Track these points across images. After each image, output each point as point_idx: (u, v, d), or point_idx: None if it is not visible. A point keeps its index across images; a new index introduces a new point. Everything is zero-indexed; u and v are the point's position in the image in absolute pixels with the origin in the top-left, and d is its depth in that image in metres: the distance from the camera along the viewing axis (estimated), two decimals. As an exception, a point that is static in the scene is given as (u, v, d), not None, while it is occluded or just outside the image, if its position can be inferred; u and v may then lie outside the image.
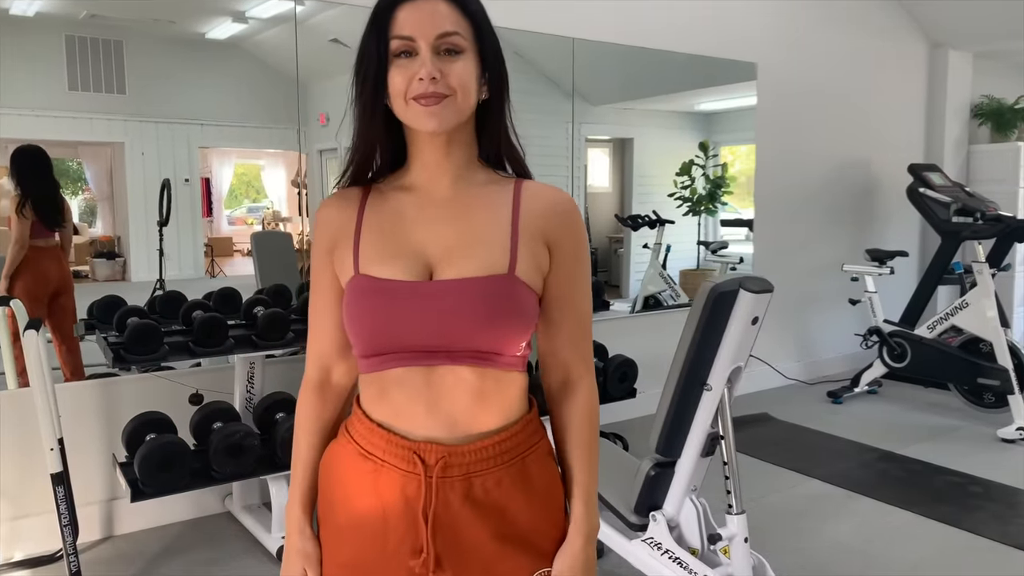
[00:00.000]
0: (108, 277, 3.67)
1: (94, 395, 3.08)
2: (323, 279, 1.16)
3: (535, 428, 1.16)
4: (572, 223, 1.14)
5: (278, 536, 2.91)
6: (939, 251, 5.01)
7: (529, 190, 1.15)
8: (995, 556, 2.92)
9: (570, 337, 1.17)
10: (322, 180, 4.55)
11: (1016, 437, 4.14)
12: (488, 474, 1.09)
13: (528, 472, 1.12)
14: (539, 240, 1.11)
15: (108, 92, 3.39)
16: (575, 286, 1.15)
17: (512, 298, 1.07)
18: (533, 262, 1.10)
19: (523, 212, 1.12)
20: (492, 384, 1.09)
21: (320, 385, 1.20)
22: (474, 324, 1.06)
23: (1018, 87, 6.36)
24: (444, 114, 1.06)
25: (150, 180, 3.63)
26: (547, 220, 1.12)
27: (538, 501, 1.13)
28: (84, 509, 2.96)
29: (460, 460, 1.08)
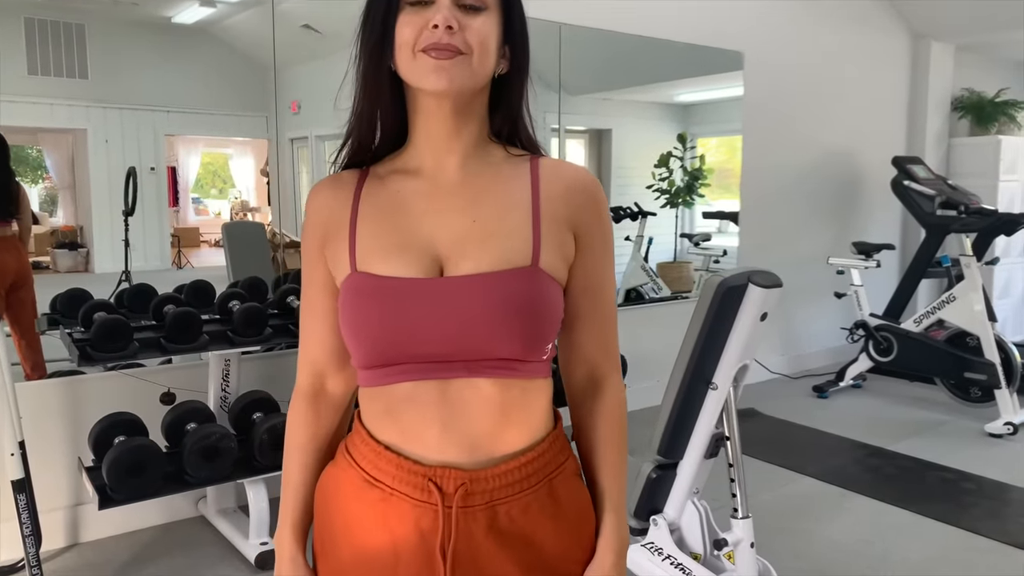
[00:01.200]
0: (70, 268, 3.54)
1: (57, 394, 2.90)
2: (315, 275, 1.02)
3: (562, 445, 1.03)
4: (598, 205, 1.01)
5: (256, 542, 2.76)
6: (923, 244, 4.98)
7: (547, 168, 1.01)
8: (997, 556, 2.86)
9: (598, 332, 1.04)
10: (293, 169, 4.40)
11: (1003, 432, 4.11)
12: (514, 501, 0.95)
13: (557, 496, 0.98)
14: (563, 225, 0.97)
15: (69, 77, 3.26)
16: (603, 275, 1.03)
17: (538, 294, 0.93)
18: (559, 251, 0.96)
19: (543, 194, 0.98)
20: (517, 396, 0.95)
21: (313, 395, 1.06)
22: (496, 326, 0.91)
23: (998, 81, 6.36)
24: (456, 72, 0.91)
25: (114, 168, 3.51)
26: (570, 202, 0.98)
27: (568, 528, 0.99)
28: (47, 515, 2.78)
29: (483, 487, 0.93)
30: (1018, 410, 4.22)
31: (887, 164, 5.30)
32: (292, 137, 4.30)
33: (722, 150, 5.35)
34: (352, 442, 1.01)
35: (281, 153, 4.29)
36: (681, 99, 5.34)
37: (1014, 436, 4.11)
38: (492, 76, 0.97)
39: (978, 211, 4.64)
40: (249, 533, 2.78)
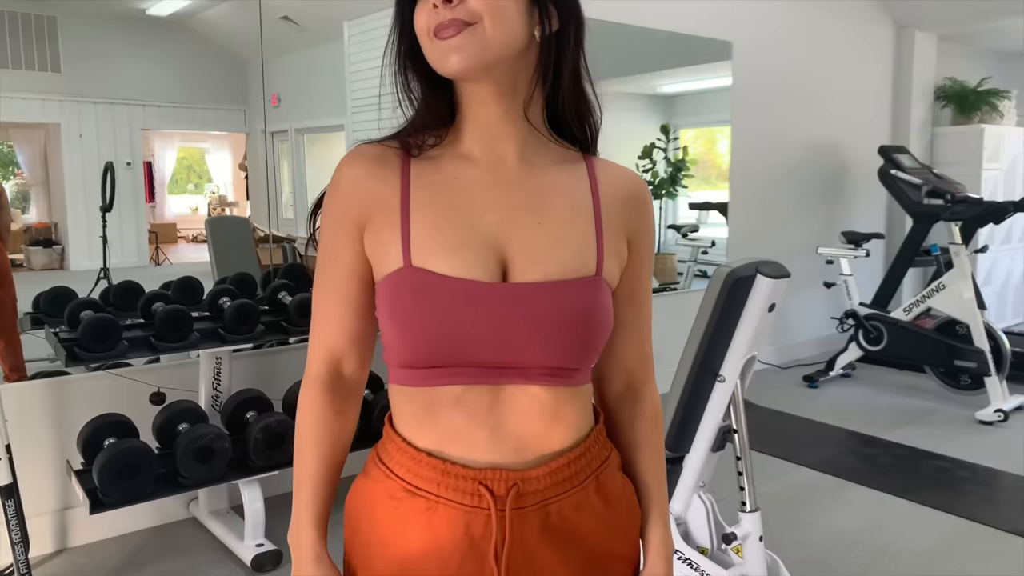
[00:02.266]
0: (45, 266, 3.47)
1: (43, 396, 2.81)
2: (343, 255, 0.92)
3: (604, 440, 1.00)
4: (649, 215, 1.00)
5: (252, 544, 2.70)
6: (911, 233, 4.99)
7: (604, 172, 0.97)
8: (995, 543, 2.87)
9: (636, 340, 1.02)
10: (274, 163, 4.33)
11: (994, 419, 4.14)
12: (565, 499, 0.91)
13: (605, 490, 0.96)
14: (620, 234, 0.96)
15: (41, 70, 3.18)
16: (646, 284, 1.02)
17: (599, 305, 0.90)
18: (616, 260, 0.95)
19: (603, 199, 0.95)
20: (566, 401, 0.91)
21: (330, 382, 0.97)
22: (559, 336, 0.86)
23: (980, 70, 6.40)
24: (468, 47, 0.83)
25: (89, 164, 3.44)
26: (627, 211, 0.97)
27: (616, 522, 0.97)
28: (34, 520, 2.70)
29: (535, 486, 0.89)
30: (1008, 397, 4.25)
31: (873, 153, 5.32)
32: (272, 130, 4.24)
33: (700, 141, 5.33)
34: (385, 450, 0.95)
35: (260, 147, 4.23)
36: (664, 90, 5.31)
37: (1004, 423, 4.13)
38: (532, 39, 0.88)
39: (963, 199, 4.66)
40: (244, 535, 2.72)
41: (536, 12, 0.87)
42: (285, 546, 2.78)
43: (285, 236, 4.65)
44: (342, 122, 4.76)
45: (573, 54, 0.93)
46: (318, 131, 4.90)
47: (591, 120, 0.98)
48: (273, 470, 2.73)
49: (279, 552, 2.70)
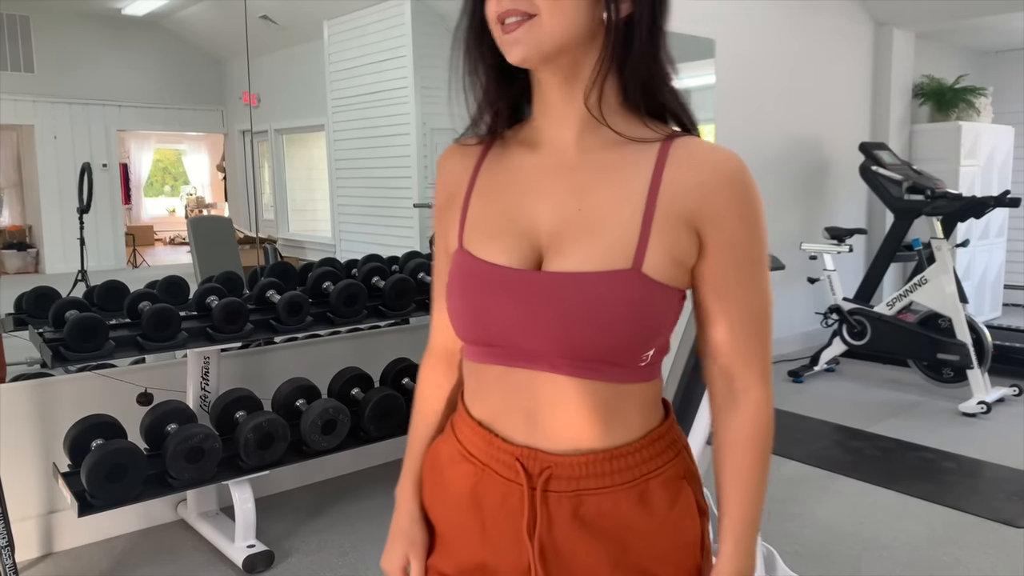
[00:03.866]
0: (19, 269, 3.42)
1: (27, 398, 2.76)
2: (441, 240, 1.01)
3: (667, 445, 0.94)
4: (736, 197, 0.86)
5: (243, 545, 2.66)
6: (892, 228, 5.05)
7: (680, 152, 0.87)
8: (983, 532, 2.90)
9: (731, 337, 0.90)
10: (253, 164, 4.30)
11: (977, 411, 4.19)
12: (603, 494, 0.89)
13: (649, 499, 0.90)
14: (681, 223, 0.86)
15: (14, 71, 3.14)
16: (738, 276, 0.89)
17: (636, 302, 0.84)
18: (667, 254, 0.85)
19: (665, 185, 0.86)
20: (606, 399, 0.88)
21: (445, 353, 1.06)
22: (578, 331, 0.85)
23: (957, 68, 6.49)
24: (527, 40, 0.83)
25: (64, 165, 3.40)
26: (699, 194, 0.85)
27: (660, 537, 0.91)
28: (18, 525, 2.65)
29: (568, 473, 0.89)
30: (990, 389, 4.30)
31: (853, 150, 5.37)
32: (251, 131, 4.20)
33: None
34: (456, 416, 1.02)
35: (239, 148, 4.19)
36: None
37: (987, 414, 4.18)
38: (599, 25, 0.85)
39: (943, 195, 4.72)
40: (235, 536, 2.69)
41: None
42: (277, 547, 2.75)
43: (266, 237, 4.61)
44: (322, 122, 4.73)
45: (646, 39, 0.87)
46: (298, 131, 4.87)
47: (674, 101, 0.91)
48: (264, 470, 2.69)
49: (271, 553, 2.66)
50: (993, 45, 6.87)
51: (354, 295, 2.93)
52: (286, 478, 3.24)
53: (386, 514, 1.07)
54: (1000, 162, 6.41)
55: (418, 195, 4.56)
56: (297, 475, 3.27)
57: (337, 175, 4.76)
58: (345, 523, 2.97)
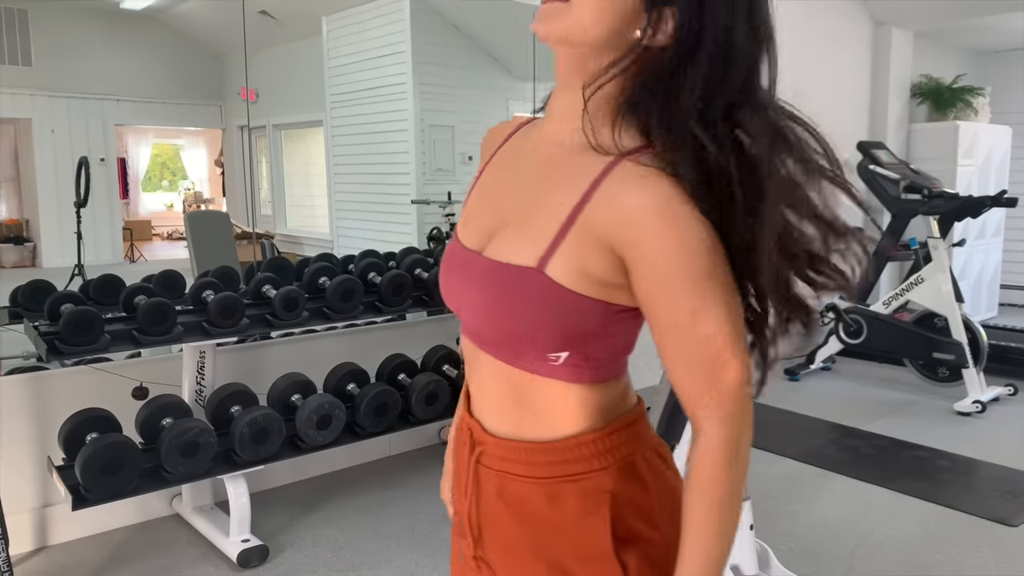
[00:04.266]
0: (16, 263, 3.42)
1: (21, 391, 2.76)
2: None
3: (594, 454, 0.90)
4: (653, 231, 0.80)
5: (237, 539, 2.67)
6: (889, 227, 5.04)
7: (618, 173, 0.83)
8: (976, 530, 2.90)
9: (678, 368, 0.85)
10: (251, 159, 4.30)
11: (972, 410, 4.19)
12: (520, 482, 0.93)
13: (564, 501, 0.90)
14: (595, 241, 0.83)
15: (12, 64, 3.13)
16: (670, 309, 0.82)
17: (531, 299, 0.85)
18: (575, 264, 0.84)
19: (592, 201, 0.83)
20: (517, 386, 0.92)
21: None
22: (489, 315, 0.90)
23: (955, 67, 6.49)
24: (552, 18, 0.84)
25: (61, 160, 3.39)
26: (618, 221, 0.81)
27: (577, 541, 0.90)
28: (12, 518, 2.65)
29: (494, 452, 0.95)
30: (985, 388, 4.31)
31: (851, 148, 5.36)
32: (249, 126, 4.20)
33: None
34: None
35: (238, 143, 4.18)
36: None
37: (982, 414, 4.19)
38: (634, 42, 0.83)
39: (940, 194, 4.72)
40: (230, 530, 2.69)
41: (656, 15, 0.81)
42: (271, 541, 2.76)
43: (264, 232, 4.61)
44: (321, 118, 4.73)
45: (669, 76, 0.82)
46: (297, 127, 4.86)
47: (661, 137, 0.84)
48: (259, 464, 2.70)
49: (265, 547, 2.67)
50: (991, 45, 6.87)
51: (350, 291, 2.93)
52: (281, 473, 3.24)
53: (381, 509, 1.09)
54: (997, 162, 6.42)
55: (416, 191, 4.56)
56: (292, 470, 3.27)
57: (335, 171, 4.76)
58: (340, 518, 2.97)
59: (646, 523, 0.92)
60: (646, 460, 0.93)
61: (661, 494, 0.93)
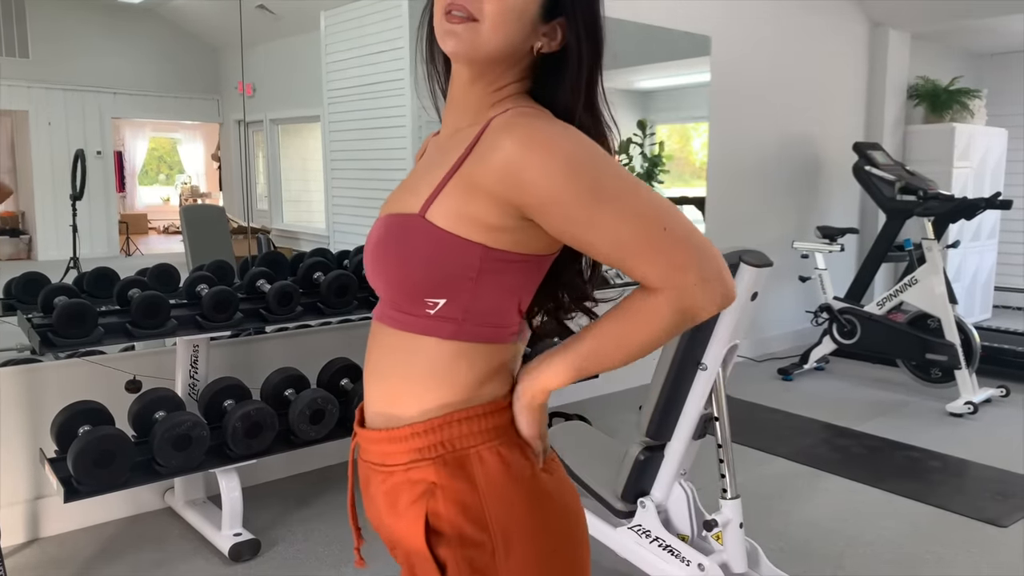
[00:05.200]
0: (11, 256, 3.40)
1: (14, 383, 2.75)
2: None
3: (426, 444, 0.93)
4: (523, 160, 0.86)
5: (229, 533, 2.67)
6: (884, 228, 5.06)
7: (491, 130, 0.90)
8: (967, 531, 2.92)
9: (617, 266, 0.90)
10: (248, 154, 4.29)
11: (964, 411, 4.21)
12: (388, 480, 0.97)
13: (398, 494, 0.96)
14: (474, 188, 0.89)
15: (8, 56, 3.11)
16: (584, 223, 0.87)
17: (409, 242, 0.91)
18: (455, 208, 0.89)
19: (472, 156, 0.91)
20: (402, 352, 0.95)
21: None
22: (376, 266, 0.96)
23: (951, 69, 6.50)
24: (464, 38, 0.91)
25: (57, 152, 3.38)
26: (494, 170, 0.88)
27: (410, 538, 0.95)
28: (4, 510, 2.66)
29: (369, 447, 1.00)
30: (977, 390, 4.33)
31: (847, 150, 5.38)
32: (246, 120, 4.19)
33: (674, 139, 5.35)
34: None
35: (234, 137, 4.18)
36: (641, 85, 5.33)
37: (974, 415, 4.21)
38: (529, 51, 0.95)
39: (935, 196, 4.74)
40: (221, 524, 2.69)
41: (543, 29, 0.94)
42: (263, 535, 2.76)
43: (260, 227, 4.60)
44: (318, 113, 4.72)
45: (581, 77, 0.95)
46: (294, 122, 4.85)
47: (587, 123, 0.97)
48: (252, 459, 2.70)
49: (257, 541, 2.67)
50: (988, 47, 6.89)
51: (345, 286, 2.93)
52: (274, 467, 3.24)
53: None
54: (993, 164, 6.43)
55: (412, 188, 4.56)
56: (285, 464, 3.27)
57: (332, 166, 4.75)
58: (332, 513, 2.97)
59: (474, 524, 0.91)
60: (483, 461, 0.92)
61: (496, 498, 0.92)
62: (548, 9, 0.92)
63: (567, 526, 0.97)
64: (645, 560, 2.33)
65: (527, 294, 0.97)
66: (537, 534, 0.93)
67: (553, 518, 0.95)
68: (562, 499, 0.97)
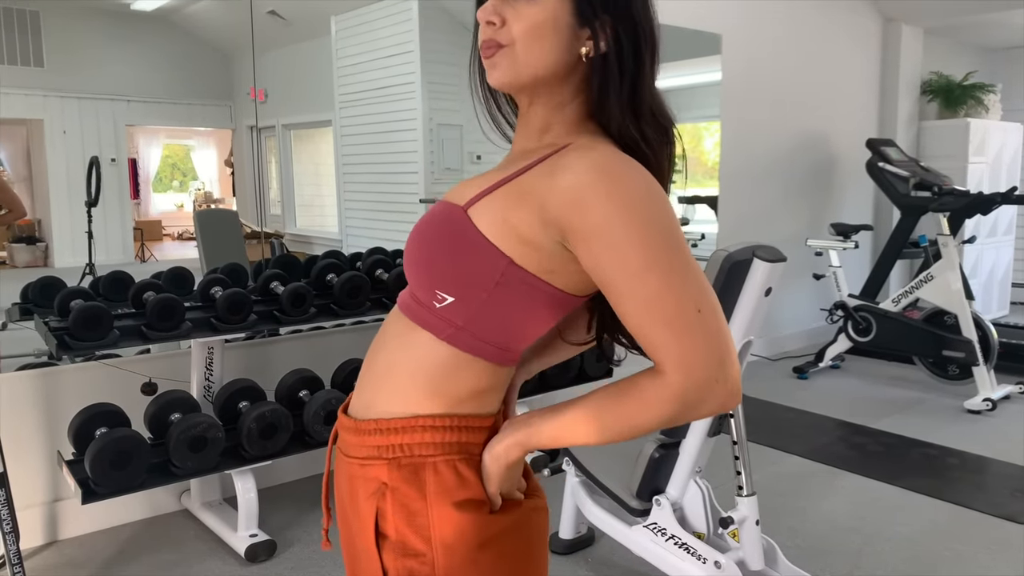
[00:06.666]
0: (28, 263, 3.43)
1: (32, 386, 2.78)
2: None
3: (387, 443, 0.92)
4: (577, 205, 0.83)
5: (245, 534, 2.68)
6: (899, 225, 5.03)
7: (565, 153, 0.88)
8: (986, 528, 2.89)
9: (636, 329, 0.85)
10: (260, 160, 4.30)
11: (982, 408, 4.17)
12: (350, 470, 0.98)
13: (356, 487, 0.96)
14: (525, 199, 0.87)
15: (24, 65, 3.14)
16: (616, 273, 0.83)
17: (442, 229, 0.91)
18: (500, 214, 0.87)
19: (536, 169, 0.89)
20: (405, 340, 0.94)
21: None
22: (407, 245, 0.95)
23: (965, 64, 6.45)
24: (502, 66, 0.92)
25: (73, 160, 3.40)
26: (547, 193, 0.85)
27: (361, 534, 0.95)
28: (23, 513, 2.67)
29: (341, 433, 1.00)
30: (995, 386, 4.29)
31: (860, 146, 5.35)
32: (259, 126, 4.21)
33: (686, 138, 5.31)
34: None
35: (247, 143, 4.20)
36: (654, 85, 5.32)
37: (992, 412, 4.17)
38: (579, 60, 0.92)
39: (950, 191, 4.70)
40: (237, 525, 2.70)
41: (586, 33, 0.91)
42: (279, 536, 2.77)
43: (273, 232, 4.62)
44: (330, 118, 4.74)
45: (624, 78, 0.92)
46: (305, 127, 4.87)
47: (619, 126, 0.93)
48: (267, 460, 2.71)
49: (272, 542, 2.68)
50: (1002, 42, 6.83)
51: (358, 287, 2.94)
52: (289, 469, 3.25)
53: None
54: (1009, 159, 6.38)
55: (425, 191, 4.56)
56: (300, 466, 3.28)
57: (344, 171, 4.77)
58: (347, 514, 2.98)
59: (417, 535, 0.89)
60: (437, 472, 0.90)
61: (442, 512, 0.89)
62: (583, 13, 0.89)
63: (517, 565, 0.94)
64: (661, 558, 2.32)
65: (537, 327, 0.94)
66: (480, 561, 0.89)
67: (504, 551, 0.92)
68: (519, 536, 0.94)
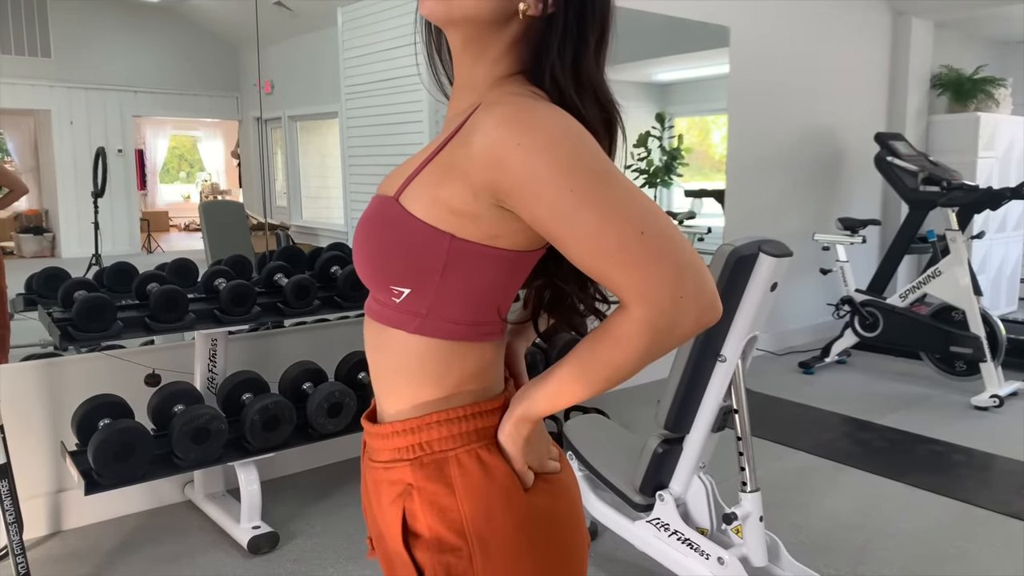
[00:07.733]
0: (36, 253, 3.43)
1: (36, 377, 2.78)
2: None
3: (405, 445, 0.90)
4: (496, 160, 0.80)
5: (248, 526, 2.68)
6: (907, 220, 4.99)
7: (477, 111, 0.85)
8: (991, 525, 2.87)
9: (591, 273, 0.82)
10: (267, 151, 4.30)
11: (989, 404, 4.15)
12: (376, 475, 0.96)
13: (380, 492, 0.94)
14: (450, 171, 0.84)
15: (31, 55, 3.13)
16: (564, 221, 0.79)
17: (382, 225, 0.88)
18: (430, 193, 0.85)
19: (455, 139, 0.86)
20: (381, 342, 0.93)
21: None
22: (354, 248, 0.93)
23: (975, 58, 6.40)
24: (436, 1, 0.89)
25: (80, 150, 3.40)
26: (466, 162, 0.83)
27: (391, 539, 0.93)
28: (27, 503, 2.68)
29: (366, 438, 0.98)
30: (1003, 383, 4.26)
31: (869, 140, 5.31)
32: (265, 117, 4.20)
33: (693, 132, 5.31)
34: None
35: (253, 134, 4.19)
36: (660, 78, 5.29)
37: (1000, 408, 4.14)
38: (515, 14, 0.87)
39: (959, 186, 4.67)
40: (240, 517, 2.70)
41: None
42: (282, 528, 2.77)
43: (279, 224, 4.61)
44: (336, 109, 4.73)
45: (566, 46, 0.87)
46: (312, 118, 4.86)
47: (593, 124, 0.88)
48: (270, 452, 2.71)
49: (275, 534, 2.68)
50: (1013, 35, 6.77)
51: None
52: (292, 461, 3.25)
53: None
54: (1019, 154, 6.33)
55: (430, 183, 4.56)
56: (303, 458, 3.28)
57: (350, 162, 4.76)
58: (350, 506, 2.98)
59: (451, 529, 0.87)
60: (461, 465, 0.88)
61: (473, 503, 0.87)
62: None
63: (556, 545, 0.91)
64: (664, 553, 2.31)
65: (505, 294, 0.91)
66: (518, 545, 0.88)
67: (540, 532, 0.90)
68: (554, 515, 0.92)
